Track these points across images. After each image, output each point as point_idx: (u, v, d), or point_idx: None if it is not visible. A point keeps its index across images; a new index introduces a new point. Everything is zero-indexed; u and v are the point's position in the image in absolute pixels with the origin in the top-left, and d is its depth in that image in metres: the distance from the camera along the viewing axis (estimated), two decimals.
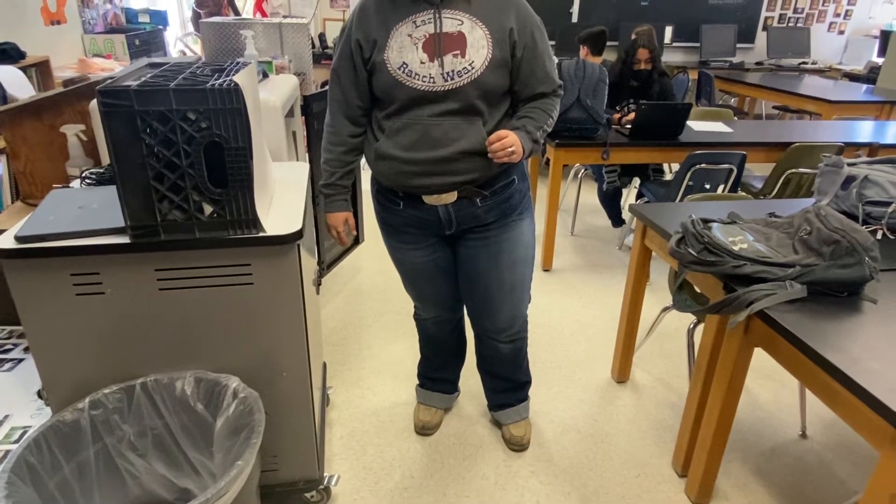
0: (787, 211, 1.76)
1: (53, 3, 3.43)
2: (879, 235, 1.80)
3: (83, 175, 1.60)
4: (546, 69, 1.53)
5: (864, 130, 3.42)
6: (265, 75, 2.38)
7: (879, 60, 5.93)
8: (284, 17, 4.65)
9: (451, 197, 1.55)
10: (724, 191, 2.91)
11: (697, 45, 6.30)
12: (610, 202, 3.70)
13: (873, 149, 3.18)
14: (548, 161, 3.12)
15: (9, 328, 1.86)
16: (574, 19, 6.15)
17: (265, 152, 1.46)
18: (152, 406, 1.34)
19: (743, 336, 1.50)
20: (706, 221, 1.64)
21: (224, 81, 1.17)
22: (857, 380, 1.15)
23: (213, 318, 1.35)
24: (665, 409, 2.18)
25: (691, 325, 2.09)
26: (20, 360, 1.70)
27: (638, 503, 1.77)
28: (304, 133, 2.63)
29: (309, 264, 1.60)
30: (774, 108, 6.33)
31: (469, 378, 2.26)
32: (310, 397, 1.51)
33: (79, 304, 1.27)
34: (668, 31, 6.25)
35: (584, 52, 3.83)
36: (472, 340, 1.99)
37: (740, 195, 2.30)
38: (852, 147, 3.12)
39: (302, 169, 1.74)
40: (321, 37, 5.50)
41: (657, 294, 3.00)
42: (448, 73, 1.41)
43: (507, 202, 1.61)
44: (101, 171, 1.63)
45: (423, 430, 2.03)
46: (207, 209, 1.24)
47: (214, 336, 1.37)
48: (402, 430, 2.05)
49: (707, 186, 2.90)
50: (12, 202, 2.09)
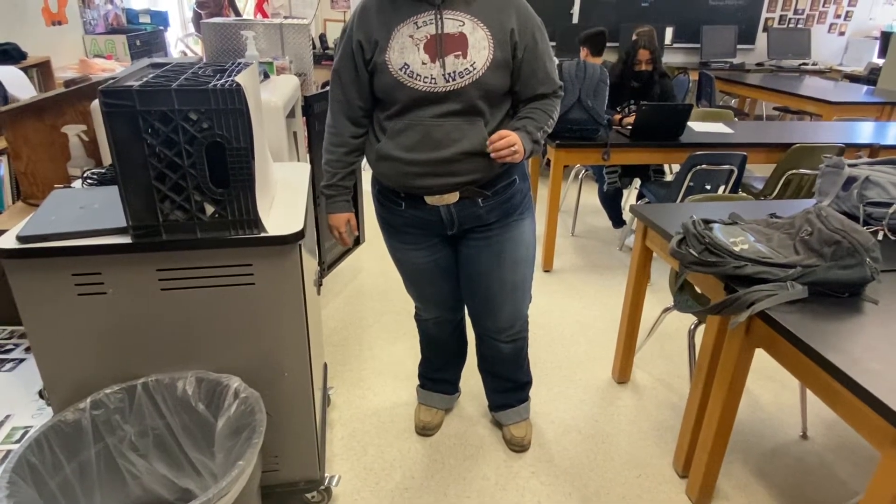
0: (787, 212, 1.76)
1: (54, 3, 3.43)
2: (880, 236, 1.80)
3: (85, 175, 1.60)
4: (547, 70, 1.53)
5: (864, 131, 3.42)
6: (266, 76, 2.38)
7: (880, 61, 5.94)
8: (285, 17, 4.66)
9: (453, 197, 1.55)
10: (724, 192, 2.91)
11: (698, 46, 6.31)
12: (611, 203, 3.70)
13: (874, 150, 3.18)
14: (548, 162, 3.12)
15: (10, 328, 1.86)
16: (574, 20, 6.16)
17: (266, 153, 1.46)
18: (153, 406, 1.34)
19: (744, 337, 1.50)
20: (707, 222, 1.64)
21: (226, 82, 1.17)
22: (858, 380, 1.15)
23: (215, 319, 1.35)
24: (666, 410, 2.18)
25: (692, 326, 2.10)
26: (21, 360, 1.70)
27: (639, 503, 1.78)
28: (305, 133, 2.63)
29: (310, 265, 1.60)
30: (775, 109, 6.33)
31: (470, 378, 2.26)
32: (311, 398, 1.51)
33: (80, 304, 1.27)
34: (669, 32, 6.26)
35: (584, 53, 3.84)
36: (472, 341, 1.99)
37: (741, 196, 2.30)
38: (853, 148, 3.12)
39: (303, 169, 1.74)
40: (322, 38, 5.51)
41: (658, 295, 3.00)
42: (450, 73, 1.41)
43: (508, 202, 1.61)
44: (103, 171, 1.63)
45: (424, 430, 2.03)
46: (209, 209, 1.24)
47: (216, 336, 1.37)
48: (403, 430, 2.05)
49: (708, 187, 2.90)
50: (13, 202, 2.09)
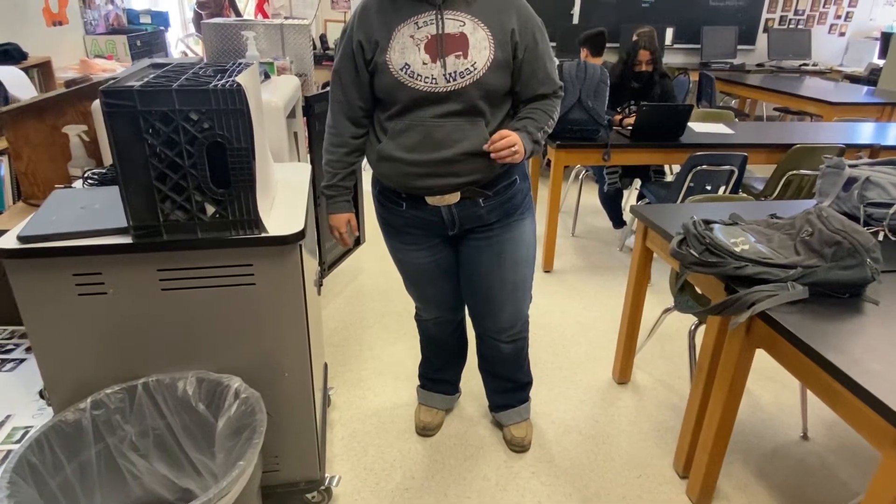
0: (788, 212, 1.76)
1: (55, 3, 3.43)
2: (881, 237, 1.80)
3: (85, 175, 1.60)
4: (547, 70, 1.53)
5: (865, 132, 3.41)
6: (267, 76, 2.38)
7: (880, 62, 5.93)
8: (286, 18, 4.66)
9: (455, 198, 1.55)
10: (725, 192, 2.91)
11: (698, 46, 6.31)
12: (611, 203, 3.70)
13: (874, 150, 3.18)
14: (549, 162, 3.12)
15: (10, 328, 1.86)
16: (575, 21, 6.16)
17: (267, 153, 1.46)
18: (154, 406, 1.34)
19: (744, 337, 1.50)
20: (708, 223, 1.64)
21: (227, 82, 1.17)
22: (859, 381, 1.15)
23: (215, 319, 1.35)
24: (666, 411, 2.18)
25: (693, 327, 2.10)
26: (22, 361, 1.70)
27: None
28: (306, 134, 2.63)
29: (310, 265, 1.60)
30: (775, 109, 6.33)
31: (470, 379, 2.26)
32: (311, 398, 1.51)
33: (81, 304, 1.27)
34: (669, 32, 6.26)
35: (584, 53, 3.84)
36: (473, 341, 1.99)
37: (741, 196, 2.30)
38: (853, 149, 3.12)
39: (304, 170, 1.74)
40: (322, 38, 5.51)
41: (658, 295, 3.00)
42: (450, 74, 1.41)
43: (509, 202, 1.61)
44: (104, 171, 1.63)
45: (425, 430, 2.03)
46: (210, 209, 1.24)
47: (216, 336, 1.37)
48: (403, 430, 2.05)
49: (708, 188, 2.90)
50: (14, 202, 2.09)
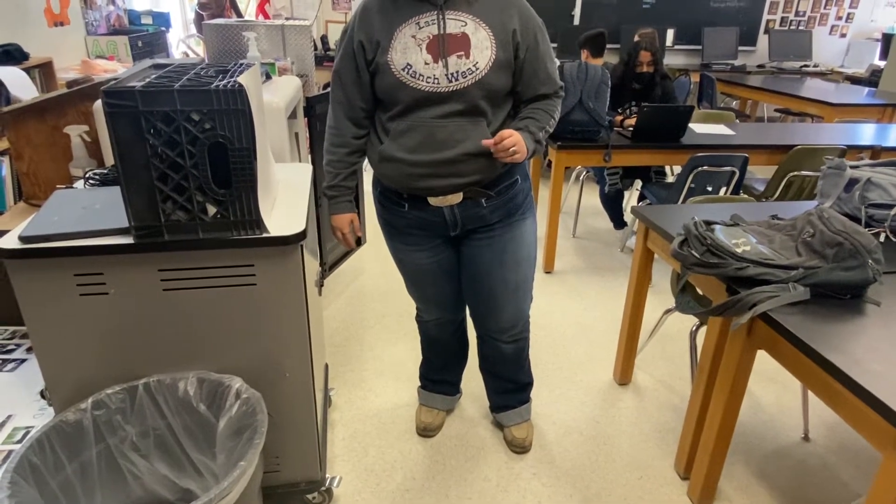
0: (789, 213, 1.76)
1: (57, 4, 3.44)
2: (882, 238, 1.80)
3: (87, 176, 1.60)
4: (548, 70, 1.53)
5: (866, 133, 3.41)
6: (268, 77, 2.38)
7: (881, 63, 5.93)
8: (287, 19, 4.66)
9: (457, 198, 1.55)
10: (726, 193, 2.91)
11: (699, 47, 6.31)
12: (612, 204, 3.70)
13: (875, 151, 3.18)
14: (550, 163, 3.12)
15: (12, 328, 1.87)
16: (576, 22, 6.16)
17: (268, 153, 1.46)
18: (155, 406, 1.34)
19: (746, 338, 1.50)
20: (709, 223, 1.64)
21: (228, 83, 1.17)
22: (860, 381, 1.15)
23: (216, 319, 1.35)
24: (667, 412, 2.18)
25: (694, 328, 2.09)
26: (23, 361, 1.70)
27: None
28: (307, 134, 2.63)
29: (311, 265, 1.60)
30: (776, 110, 6.32)
31: (471, 380, 2.25)
32: (312, 398, 1.51)
33: (82, 304, 1.27)
34: (670, 33, 6.26)
35: (584, 55, 3.84)
36: (473, 342, 1.99)
37: (742, 197, 2.30)
38: (855, 150, 3.12)
39: (305, 170, 1.74)
40: (323, 39, 5.51)
41: (659, 296, 3.00)
42: (452, 73, 1.42)
43: (511, 202, 1.61)
44: (105, 171, 1.63)
45: (425, 431, 2.03)
46: (211, 210, 1.24)
47: (217, 337, 1.37)
48: (404, 431, 2.05)
49: (709, 189, 2.90)
50: (15, 203, 2.09)
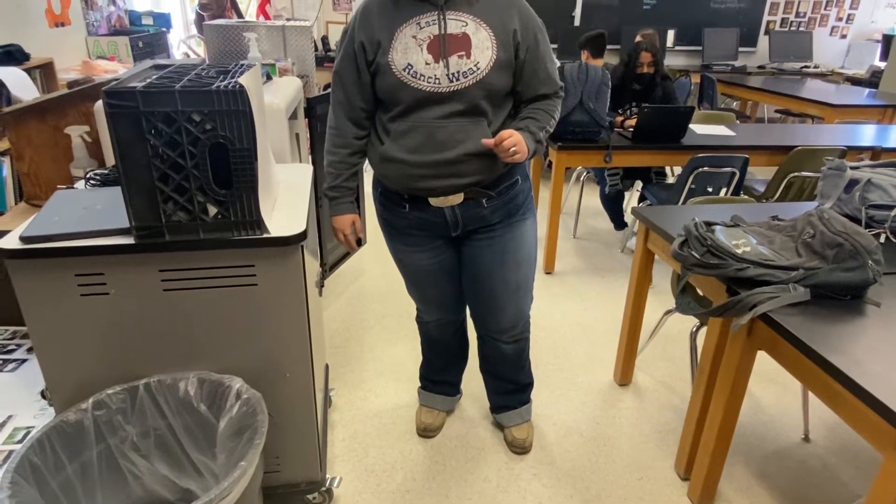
0: (789, 214, 1.76)
1: (58, 5, 3.44)
2: (882, 239, 1.80)
3: (87, 176, 1.60)
4: (548, 70, 1.53)
5: (866, 134, 3.41)
6: (268, 78, 2.38)
7: (882, 64, 5.93)
8: (287, 19, 4.67)
9: (458, 198, 1.55)
10: (726, 194, 2.91)
11: (700, 48, 6.31)
12: (612, 205, 3.70)
13: (876, 152, 3.18)
14: (550, 164, 3.12)
15: (12, 328, 1.87)
16: (576, 23, 6.16)
17: (269, 154, 1.46)
18: (155, 407, 1.34)
19: (746, 339, 1.50)
20: (709, 224, 1.64)
21: (229, 83, 1.17)
22: (860, 382, 1.15)
23: (217, 319, 1.35)
24: (668, 413, 2.18)
25: (694, 329, 2.09)
26: (24, 361, 1.70)
27: None
28: (308, 135, 2.63)
29: (312, 266, 1.60)
30: (777, 111, 6.33)
31: (471, 381, 2.25)
32: (312, 399, 1.51)
33: (83, 304, 1.28)
34: (671, 34, 6.26)
35: (585, 56, 3.84)
36: (473, 342, 1.99)
37: (743, 198, 2.30)
38: (855, 151, 3.12)
39: (305, 171, 1.74)
40: (324, 39, 5.52)
41: (660, 297, 3.00)
42: (454, 74, 1.42)
43: (512, 202, 1.62)
44: (106, 172, 1.63)
45: (425, 432, 2.03)
46: (212, 210, 1.24)
47: (218, 337, 1.38)
48: (404, 432, 2.05)
49: (709, 190, 2.90)
50: (16, 203, 2.09)
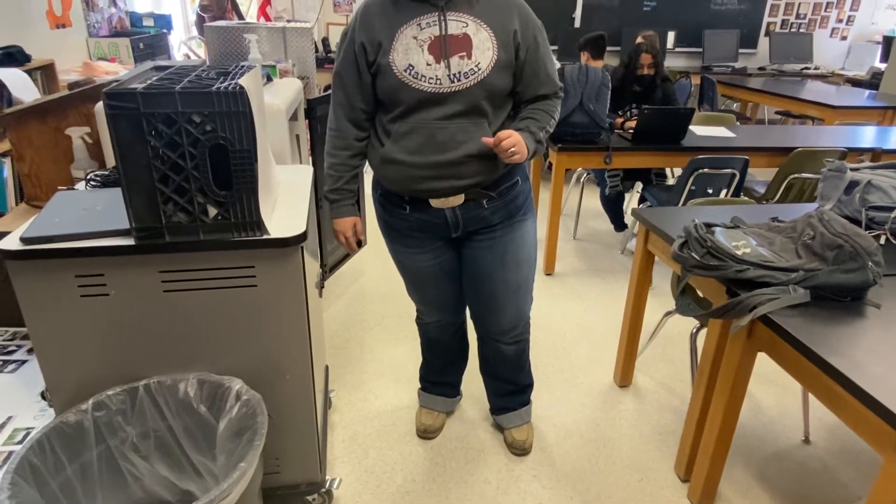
0: (789, 216, 1.76)
1: (59, 6, 3.45)
2: (883, 240, 1.80)
3: (88, 177, 1.60)
4: (548, 71, 1.54)
5: (866, 136, 3.41)
6: (269, 79, 2.39)
7: (882, 66, 5.94)
8: (288, 21, 4.67)
9: (459, 200, 1.56)
10: (726, 195, 2.91)
11: (700, 50, 6.31)
12: (612, 206, 3.70)
13: (876, 154, 3.18)
14: (550, 165, 3.12)
15: (13, 329, 1.87)
16: (577, 24, 6.17)
17: (269, 155, 1.46)
18: (155, 408, 1.34)
19: (746, 340, 1.50)
20: (709, 226, 1.64)
21: (229, 84, 1.17)
22: (861, 384, 1.15)
23: (217, 320, 1.35)
24: (668, 414, 2.18)
25: (694, 330, 2.09)
26: (24, 362, 1.70)
27: None
28: (308, 136, 2.63)
29: (312, 267, 1.60)
30: (777, 113, 6.33)
31: (471, 382, 2.25)
32: (312, 400, 1.51)
33: (83, 305, 1.28)
34: (671, 36, 6.26)
35: (584, 57, 3.85)
36: (473, 343, 1.99)
37: (743, 200, 2.30)
38: (855, 152, 3.12)
39: (306, 172, 1.74)
40: (324, 41, 5.53)
41: (660, 298, 3.00)
42: (455, 74, 1.42)
43: (512, 203, 1.62)
44: (106, 173, 1.64)
45: (425, 433, 2.03)
46: (212, 211, 1.24)
47: (218, 338, 1.38)
48: (404, 433, 2.05)
49: (710, 191, 2.90)
50: (17, 204, 2.10)
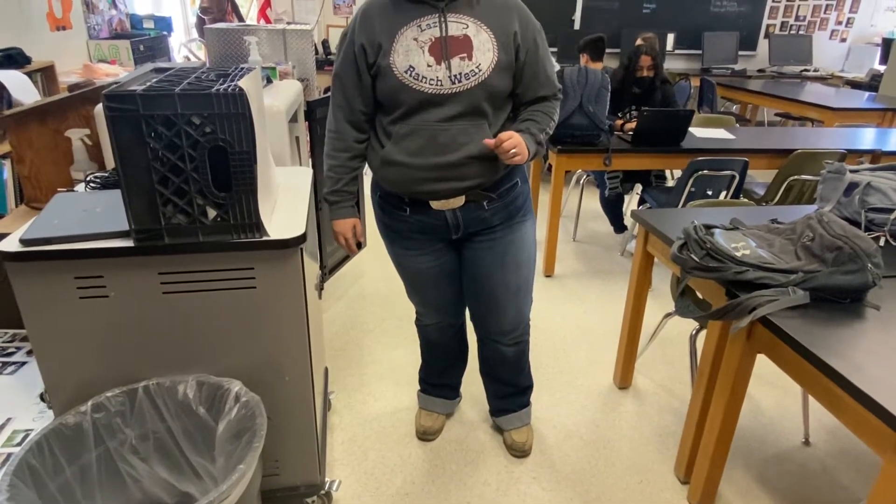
0: (789, 217, 1.76)
1: (59, 8, 3.45)
2: (882, 242, 1.80)
3: (88, 179, 1.60)
4: (547, 73, 1.54)
5: (866, 137, 3.42)
6: (269, 81, 2.39)
7: (881, 68, 5.94)
8: (288, 23, 4.68)
9: (459, 201, 1.56)
10: (726, 197, 2.91)
11: (699, 52, 6.32)
12: (612, 208, 3.70)
13: (875, 156, 3.18)
14: (550, 167, 3.12)
15: (12, 331, 1.87)
16: (576, 26, 6.17)
17: (269, 157, 1.46)
18: (154, 409, 1.34)
19: (745, 342, 1.50)
20: (709, 227, 1.64)
21: (229, 86, 1.17)
22: (860, 386, 1.14)
23: (216, 322, 1.35)
24: (667, 416, 2.18)
25: (694, 332, 2.09)
26: (23, 364, 1.70)
27: None
28: (308, 138, 2.64)
29: (311, 268, 1.60)
30: (776, 115, 6.34)
31: (471, 384, 2.25)
32: (312, 402, 1.51)
33: (82, 307, 1.28)
34: (671, 38, 6.27)
35: (584, 59, 3.85)
36: (473, 345, 1.99)
37: (742, 202, 2.30)
38: (855, 154, 3.12)
39: (305, 174, 1.74)
40: (324, 43, 5.53)
41: (659, 300, 3.00)
42: (455, 75, 1.42)
43: (512, 204, 1.62)
44: (106, 175, 1.64)
45: (425, 435, 2.02)
46: (211, 213, 1.24)
47: (217, 340, 1.37)
48: (404, 435, 2.05)
49: (709, 193, 2.90)
50: (17, 206, 2.10)
